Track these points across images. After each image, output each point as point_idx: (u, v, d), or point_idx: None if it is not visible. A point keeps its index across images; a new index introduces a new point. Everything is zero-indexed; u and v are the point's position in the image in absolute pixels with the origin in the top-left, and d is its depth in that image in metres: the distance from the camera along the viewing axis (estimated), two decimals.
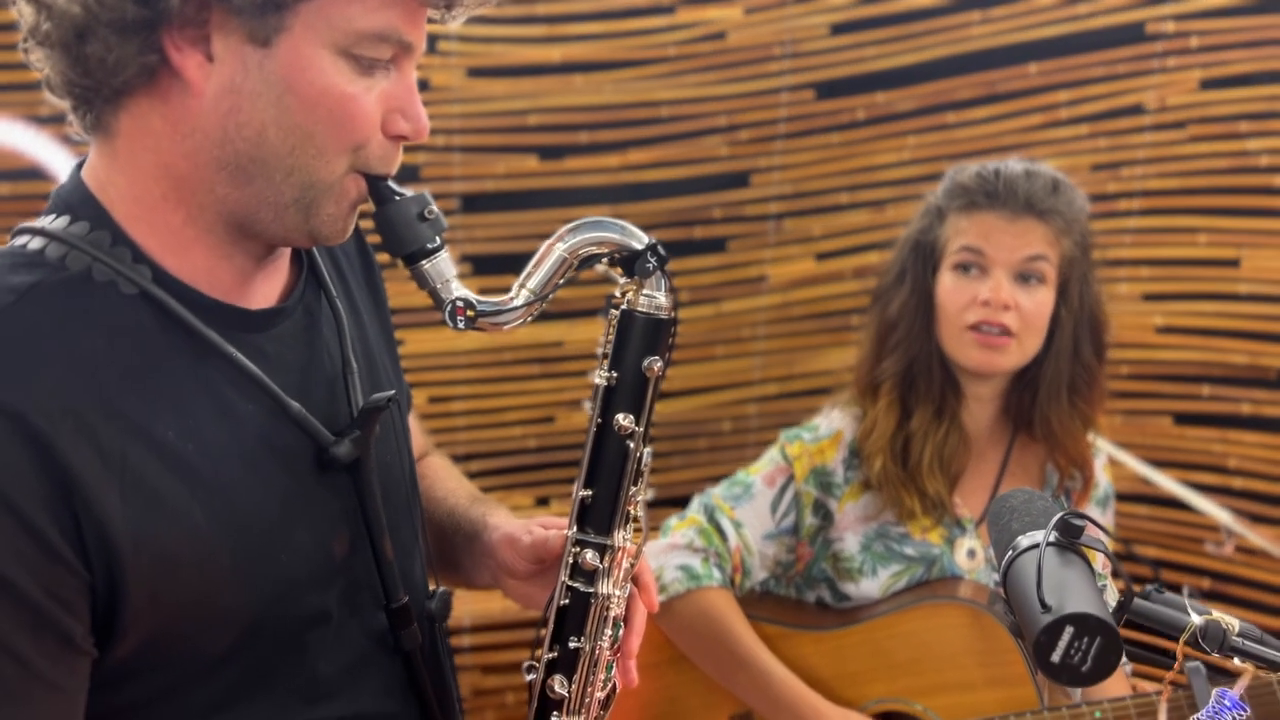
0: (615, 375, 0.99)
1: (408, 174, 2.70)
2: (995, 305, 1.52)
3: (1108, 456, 1.76)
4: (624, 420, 0.98)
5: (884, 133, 2.84)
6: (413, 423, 1.28)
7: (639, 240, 0.98)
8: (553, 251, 0.99)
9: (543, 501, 2.83)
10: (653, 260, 0.97)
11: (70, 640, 0.82)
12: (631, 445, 0.99)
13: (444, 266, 0.97)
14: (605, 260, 1.00)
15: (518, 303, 0.98)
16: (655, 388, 1.00)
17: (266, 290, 0.99)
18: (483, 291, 2.88)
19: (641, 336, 0.99)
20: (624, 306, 1.00)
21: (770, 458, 1.66)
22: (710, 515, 1.62)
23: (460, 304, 0.97)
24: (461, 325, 0.97)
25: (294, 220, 0.91)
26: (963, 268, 1.56)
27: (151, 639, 0.86)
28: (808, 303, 2.95)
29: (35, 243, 0.88)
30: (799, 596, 1.69)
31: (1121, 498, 2.78)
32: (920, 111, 2.80)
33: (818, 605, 1.67)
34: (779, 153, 2.89)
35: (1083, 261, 1.59)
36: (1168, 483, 2.02)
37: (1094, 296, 1.62)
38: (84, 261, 0.87)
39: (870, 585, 1.60)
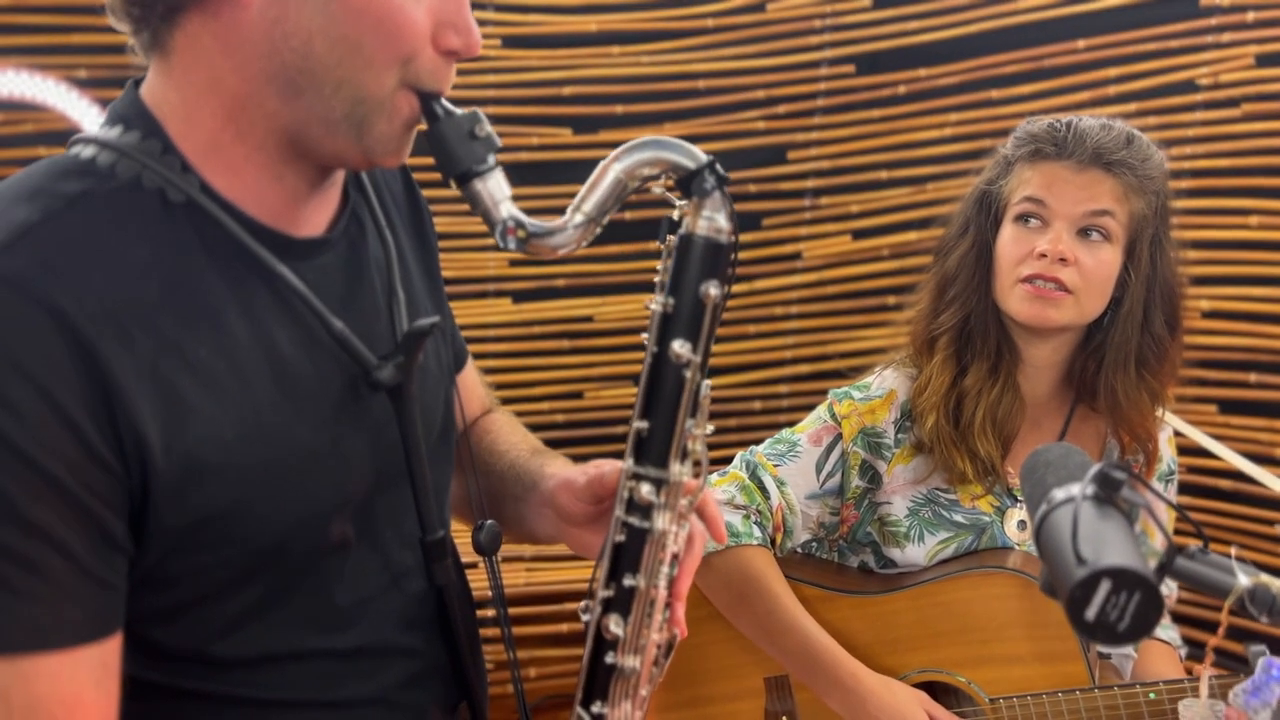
0: (672, 302, 0.94)
1: None
2: (1052, 258, 1.44)
3: (1173, 431, 1.68)
4: (680, 348, 0.93)
5: (925, 109, 2.79)
6: (474, 378, 1.28)
7: (696, 159, 0.93)
8: (608, 172, 0.95)
9: None
10: (711, 179, 0.93)
11: (113, 538, 0.83)
12: (688, 375, 0.94)
13: (496, 186, 0.93)
14: (662, 181, 0.95)
15: (572, 224, 0.94)
16: (714, 315, 0.95)
17: (315, 219, 0.97)
18: (513, 264, 2.83)
19: (700, 260, 0.94)
20: (682, 229, 0.95)
21: (817, 416, 1.60)
22: (752, 472, 1.56)
23: (512, 224, 0.92)
24: (513, 246, 0.93)
25: (347, 138, 0.89)
26: (1023, 219, 1.49)
27: (176, 548, 0.86)
28: (843, 281, 2.90)
29: (88, 150, 0.88)
30: (842, 561, 1.64)
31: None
32: (963, 88, 2.75)
33: (861, 570, 1.62)
34: (817, 128, 2.84)
35: (1155, 223, 1.50)
36: (1233, 456, 1.95)
37: (1168, 263, 1.53)
38: (133, 169, 0.87)
39: (916, 551, 1.55)
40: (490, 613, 2.82)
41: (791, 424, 1.62)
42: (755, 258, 2.89)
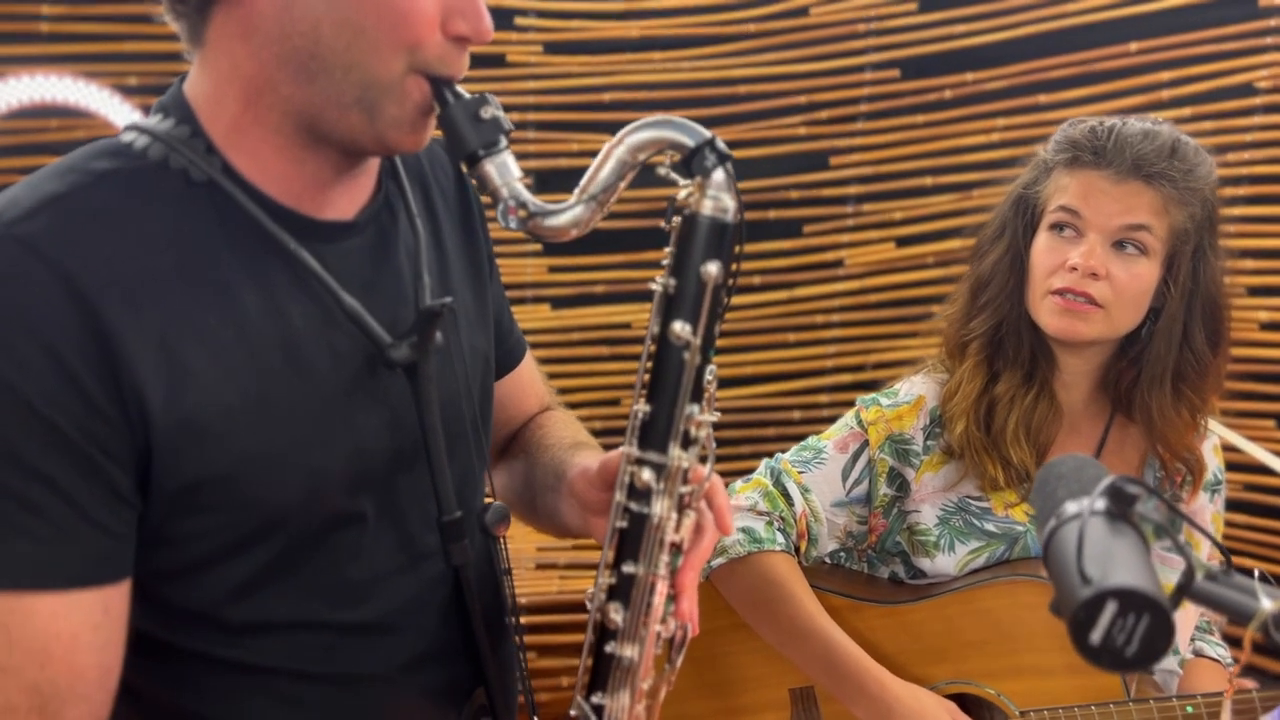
0: (674, 282, 0.92)
1: None
2: (1083, 272, 1.39)
3: (1219, 439, 1.61)
4: (680, 329, 0.91)
5: (972, 113, 2.74)
6: (532, 375, 1.30)
7: (695, 136, 0.92)
8: (612, 155, 0.94)
9: None
10: (711, 156, 0.91)
11: (117, 489, 0.86)
12: (687, 356, 0.91)
13: (502, 168, 0.93)
14: (667, 162, 0.93)
15: (573, 204, 0.93)
16: (716, 296, 0.92)
17: (343, 204, 0.99)
18: (552, 270, 2.82)
19: (702, 240, 0.92)
20: (686, 209, 0.93)
21: (844, 423, 1.55)
22: (776, 479, 1.52)
23: (514, 203, 0.92)
24: (514, 224, 0.92)
25: (358, 121, 0.91)
26: (1057, 228, 1.43)
27: (181, 507, 0.89)
28: (886, 289, 2.85)
29: (128, 135, 0.93)
30: (872, 571, 1.59)
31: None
32: (1011, 92, 2.69)
33: (891, 580, 1.57)
34: (860, 133, 2.80)
35: (1198, 236, 1.43)
36: None
37: (1211, 277, 1.45)
38: (163, 151, 0.91)
39: (946, 561, 1.49)
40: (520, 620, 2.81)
41: None
42: (796, 265, 2.85)
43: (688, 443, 0.94)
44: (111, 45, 2.62)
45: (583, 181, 0.95)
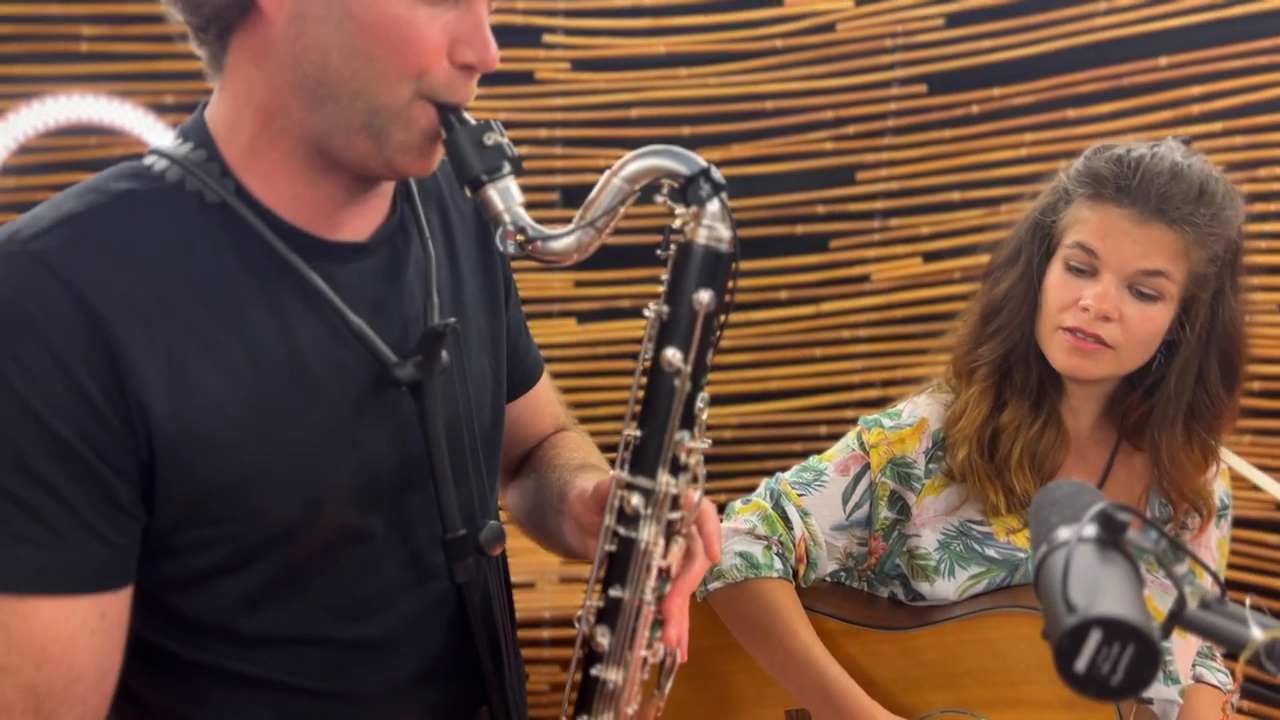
0: (668, 309, 0.94)
1: None
2: (1095, 314, 1.35)
3: (1225, 465, 1.58)
4: (671, 356, 0.92)
5: (999, 128, 2.72)
6: (548, 395, 1.32)
7: (691, 165, 0.93)
8: (610, 183, 0.96)
9: None
10: (706, 186, 0.93)
11: (117, 499, 0.88)
12: (678, 383, 0.92)
13: (504, 193, 0.96)
14: (665, 190, 0.95)
15: (570, 230, 0.95)
16: (708, 324, 0.93)
17: (357, 225, 1.02)
18: (578, 285, 2.84)
19: (696, 269, 0.94)
20: (682, 237, 0.94)
21: (845, 444, 1.54)
22: (776, 501, 1.51)
23: (513, 228, 0.94)
24: (512, 249, 0.95)
25: (366, 146, 0.94)
26: (1073, 268, 1.39)
27: (185, 518, 0.92)
28: (913, 305, 2.84)
29: (149, 159, 0.98)
30: (871, 590, 1.58)
31: (1250, 524, 2.59)
32: (1039, 107, 2.68)
33: (890, 601, 1.56)
34: (887, 148, 2.79)
35: (1218, 280, 1.39)
36: None
37: (1230, 317, 1.41)
38: (180, 174, 0.95)
39: (946, 586, 1.47)
40: (545, 634, 2.83)
41: None
42: (823, 279, 2.85)
43: (677, 469, 0.95)
44: (149, 64, 2.67)
45: (582, 208, 0.97)
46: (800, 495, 1.51)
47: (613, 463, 0.98)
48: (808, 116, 2.78)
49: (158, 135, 2.62)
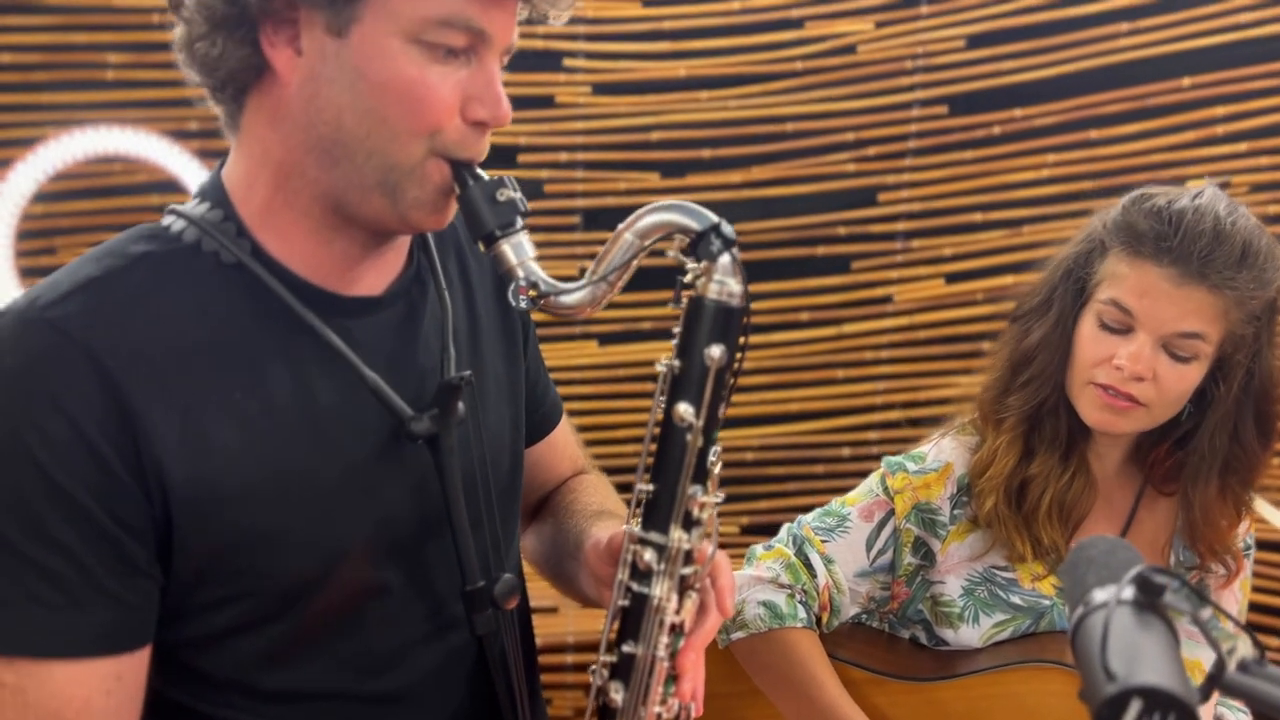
0: (679, 364, 0.94)
1: (531, 189, 2.72)
2: (1129, 375, 1.32)
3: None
4: (684, 410, 0.93)
5: (1021, 149, 2.71)
6: (567, 439, 1.32)
7: (702, 221, 0.93)
8: (622, 237, 0.97)
9: None
10: (717, 242, 0.93)
11: (133, 561, 0.89)
12: (689, 438, 0.93)
13: (518, 248, 0.96)
14: (675, 245, 0.95)
15: (582, 285, 0.95)
16: (720, 379, 0.94)
17: (373, 279, 1.02)
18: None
19: (707, 324, 0.94)
20: (693, 292, 0.95)
21: (869, 489, 1.51)
22: (799, 548, 1.49)
23: (525, 284, 0.95)
24: (524, 304, 0.95)
25: (380, 203, 0.95)
26: (1108, 326, 1.35)
27: (203, 576, 0.93)
28: (936, 326, 2.83)
29: (168, 219, 0.99)
30: (893, 632, 1.57)
31: (1274, 546, 2.56)
32: (1061, 128, 2.66)
33: (912, 644, 1.54)
34: (908, 169, 2.79)
35: (1256, 339, 1.36)
36: None
37: (1266, 371, 1.38)
38: (197, 235, 0.96)
39: (970, 633, 1.46)
40: (569, 659, 2.83)
41: None
42: (845, 301, 2.84)
43: (690, 524, 0.95)
44: (173, 91, 2.70)
45: (594, 263, 0.98)
46: (824, 541, 1.49)
47: (628, 502, 0.98)
48: (829, 138, 2.78)
49: (181, 165, 2.65)
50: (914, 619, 1.52)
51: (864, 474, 2.93)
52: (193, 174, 2.63)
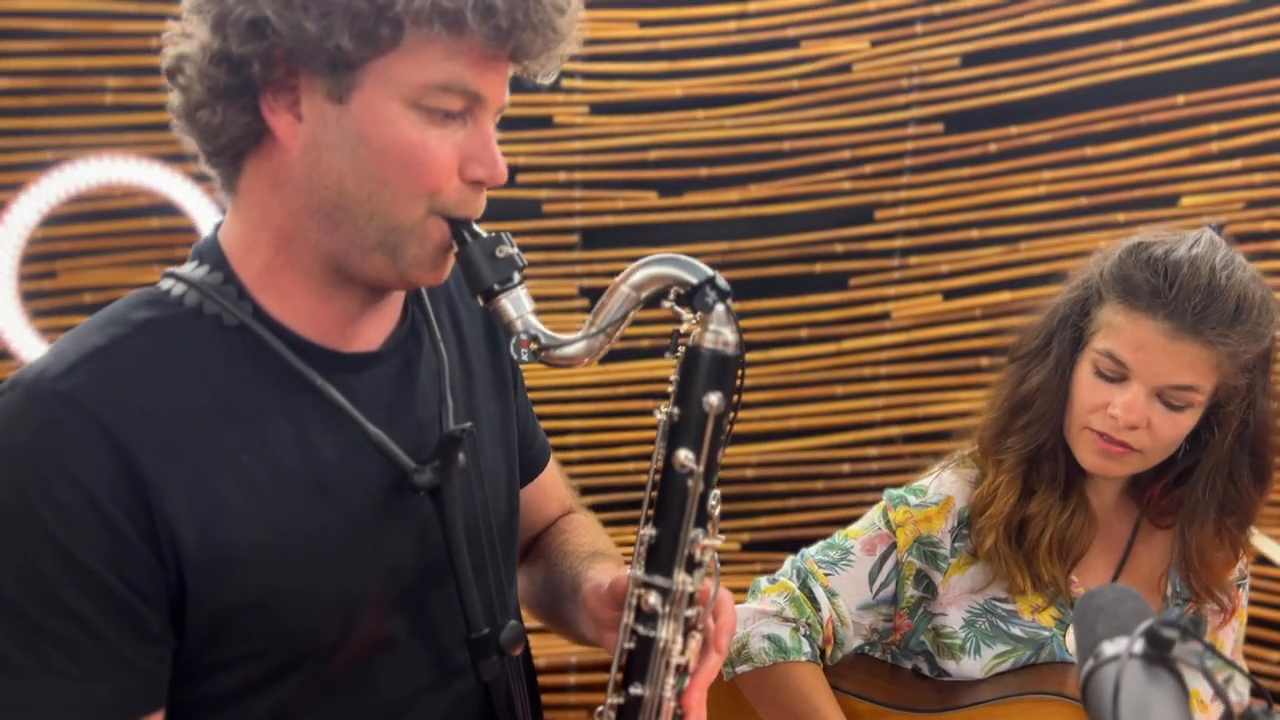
0: (678, 411, 0.96)
1: (530, 208, 2.76)
2: (1123, 424, 1.34)
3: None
4: (684, 457, 0.94)
5: (1017, 166, 2.72)
6: (555, 479, 1.34)
7: (697, 274, 0.95)
8: (618, 289, 0.99)
9: None
10: (712, 294, 0.95)
11: (146, 627, 0.90)
12: (690, 484, 0.94)
13: (516, 304, 0.99)
14: (671, 296, 0.97)
15: (581, 337, 0.97)
16: (718, 426, 0.95)
17: (371, 334, 1.04)
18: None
19: (704, 373, 0.96)
20: (690, 342, 0.96)
21: (871, 522, 1.53)
22: (803, 582, 1.51)
23: (525, 337, 0.97)
24: (525, 357, 0.97)
25: (381, 262, 0.96)
26: (1102, 374, 1.37)
27: (217, 637, 0.94)
28: (934, 342, 2.84)
29: (167, 283, 1.00)
30: (895, 662, 1.58)
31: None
32: (1056, 145, 2.68)
33: (914, 674, 1.55)
34: (905, 187, 2.80)
35: (1249, 388, 1.38)
36: None
37: (1260, 419, 1.40)
38: (198, 299, 0.98)
39: (972, 664, 1.47)
40: (572, 679, 2.84)
41: (880, 487, 1.57)
42: (843, 318, 2.86)
43: (692, 567, 0.96)
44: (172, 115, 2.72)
45: (591, 314, 0.99)
46: (827, 575, 1.51)
47: (632, 541, 0.99)
48: (825, 156, 2.80)
49: (177, 189, 2.66)
50: (916, 650, 1.53)
51: (864, 490, 2.94)
52: (192, 198, 2.64)
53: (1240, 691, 1.49)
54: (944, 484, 1.52)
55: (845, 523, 1.54)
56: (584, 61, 2.77)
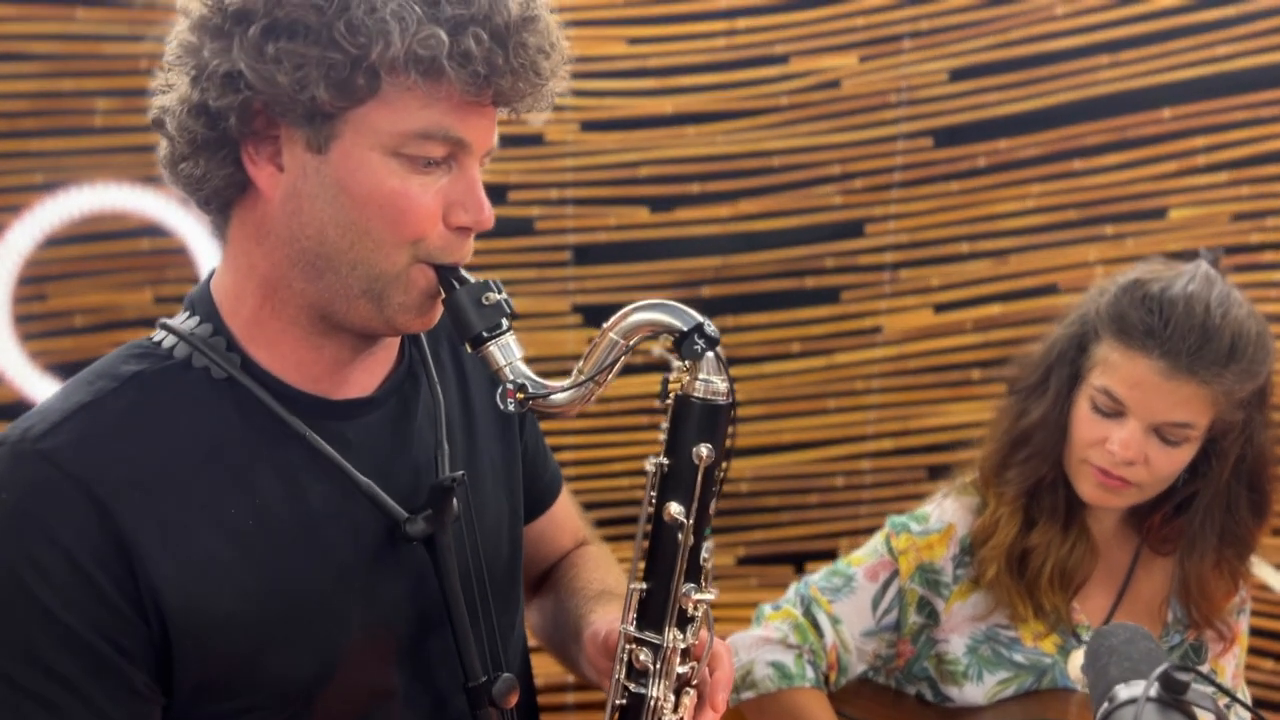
0: (668, 462, 0.96)
1: (522, 227, 2.76)
2: (1120, 460, 1.36)
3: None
4: (674, 510, 0.95)
5: (1006, 180, 2.73)
6: (567, 511, 1.33)
7: (686, 320, 0.95)
8: (606, 337, 0.98)
9: None
10: (700, 341, 0.95)
11: (133, 687, 0.90)
12: (680, 537, 0.95)
13: (504, 351, 0.98)
14: (659, 344, 0.97)
15: (569, 386, 0.97)
16: (709, 476, 0.95)
17: (364, 379, 1.04)
18: (590, 343, 2.85)
19: (695, 422, 0.96)
20: (679, 391, 0.97)
21: (874, 549, 1.54)
22: (807, 609, 1.52)
23: (512, 386, 0.96)
24: (512, 407, 0.97)
25: (367, 310, 0.96)
26: (1100, 409, 1.39)
27: (207, 693, 0.93)
28: (925, 355, 2.85)
29: (158, 335, 1.00)
30: (899, 688, 1.59)
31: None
32: (1045, 159, 2.68)
33: (918, 700, 1.56)
34: (895, 201, 2.81)
35: (1246, 422, 1.39)
36: None
37: (1257, 452, 1.42)
38: (188, 351, 0.97)
39: (975, 691, 1.49)
40: (570, 699, 2.84)
41: (874, 500, 1.58)
42: (835, 331, 2.87)
43: (684, 622, 0.96)
44: (155, 136, 2.72)
45: (580, 362, 0.99)
46: (831, 602, 1.52)
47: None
48: (815, 171, 2.80)
49: (167, 213, 2.66)
50: (919, 676, 1.55)
51: (857, 503, 2.94)
52: (183, 220, 2.64)
53: (1241, 718, 1.50)
54: (946, 511, 1.53)
55: (839, 536, 1.55)
56: (574, 79, 2.76)
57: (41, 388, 2.51)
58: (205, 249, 2.63)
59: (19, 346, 2.58)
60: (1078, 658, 1.46)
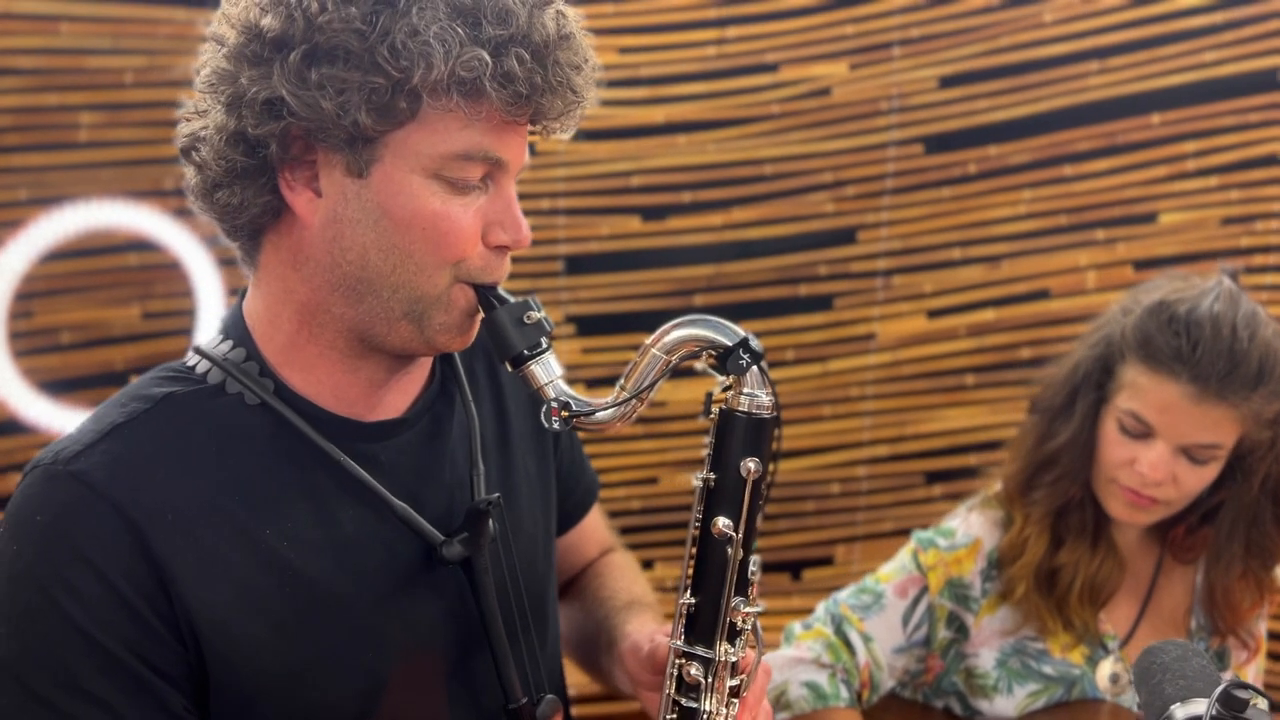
0: (714, 477, 0.96)
1: None
2: (1149, 482, 1.37)
3: None
4: (723, 525, 0.94)
5: (998, 186, 2.75)
6: (597, 520, 1.33)
7: (730, 336, 0.95)
8: (649, 352, 0.98)
9: (647, 564, 2.79)
10: (745, 356, 0.95)
11: (169, 708, 0.90)
12: (730, 550, 0.94)
13: (545, 369, 0.98)
14: (702, 358, 0.97)
15: (613, 403, 0.97)
16: (756, 490, 0.95)
17: (397, 400, 1.03)
18: (585, 352, 2.87)
19: (740, 437, 0.96)
20: (724, 405, 0.97)
21: (901, 565, 1.55)
22: (838, 627, 1.53)
23: (556, 405, 0.96)
24: (557, 425, 0.97)
25: (408, 331, 0.96)
26: (1127, 431, 1.40)
27: (240, 716, 0.93)
28: (919, 361, 2.86)
29: (191, 359, 1.00)
30: (927, 703, 1.60)
31: None
32: (1036, 164, 2.71)
33: (946, 713, 1.57)
34: (887, 208, 2.82)
35: (1275, 442, 1.40)
36: None
37: None
38: (221, 376, 0.97)
39: (1005, 704, 1.50)
40: (588, 710, 2.82)
41: (870, 506, 1.58)
42: (828, 339, 2.87)
43: (734, 636, 0.96)
44: (148, 150, 2.68)
45: (622, 378, 0.99)
46: (861, 619, 1.52)
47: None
48: (807, 179, 2.81)
49: (161, 229, 2.63)
50: (948, 690, 1.55)
51: (853, 509, 2.95)
52: (170, 233, 2.61)
53: None
54: (972, 526, 1.54)
55: (836, 543, 1.56)
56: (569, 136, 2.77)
57: (36, 408, 2.47)
58: (196, 265, 2.60)
59: (11, 364, 2.55)
60: (1105, 668, 1.47)
